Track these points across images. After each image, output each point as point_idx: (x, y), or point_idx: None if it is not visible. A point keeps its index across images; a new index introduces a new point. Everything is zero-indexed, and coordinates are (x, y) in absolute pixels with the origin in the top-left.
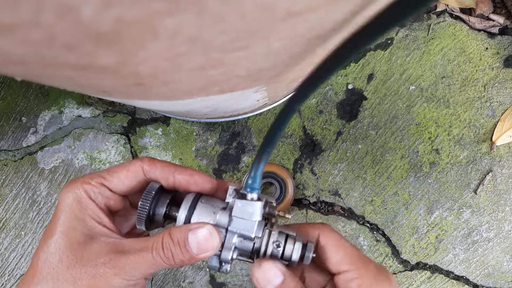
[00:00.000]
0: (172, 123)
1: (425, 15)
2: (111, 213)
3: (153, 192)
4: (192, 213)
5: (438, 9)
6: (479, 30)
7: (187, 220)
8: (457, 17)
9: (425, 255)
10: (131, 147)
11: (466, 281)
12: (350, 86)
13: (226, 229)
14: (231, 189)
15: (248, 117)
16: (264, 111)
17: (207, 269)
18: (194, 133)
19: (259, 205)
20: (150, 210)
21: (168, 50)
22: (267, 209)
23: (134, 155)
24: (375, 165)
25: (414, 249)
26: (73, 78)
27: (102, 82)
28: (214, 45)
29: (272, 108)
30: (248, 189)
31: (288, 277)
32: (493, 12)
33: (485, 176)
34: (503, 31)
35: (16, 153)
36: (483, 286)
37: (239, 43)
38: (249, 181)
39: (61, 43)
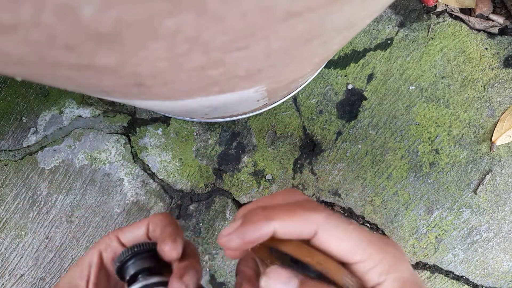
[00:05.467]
0: (172, 123)
1: (425, 15)
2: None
3: (137, 246)
4: None
5: (438, 9)
6: (479, 30)
7: None
8: (457, 17)
9: (425, 255)
10: (131, 147)
11: (466, 281)
12: (350, 86)
13: None
14: None
15: (248, 117)
16: (264, 111)
17: (208, 269)
18: (194, 133)
19: None
20: (123, 263)
21: (168, 50)
22: None
23: (134, 155)
24: (375, 165)
25: (414, 249)
26: (73, 78)
27: (102, 82)
28: (214, 45)
29: (272, 108)
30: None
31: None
32: (493, 12)
33: (485, 176)
34: (503, 31)
35: (17, 153)
36: (482, 286)
37: (239, 43)
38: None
39: (61, 43)
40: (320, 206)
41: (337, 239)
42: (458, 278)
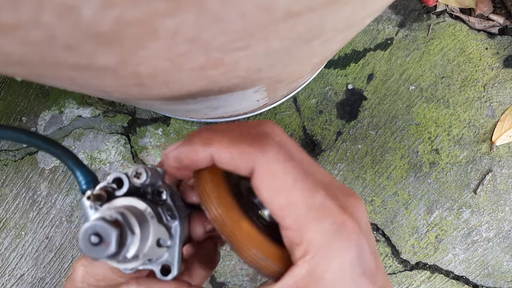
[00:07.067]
0: (172, 123)
1: (425, 15)
2: None
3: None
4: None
5: (438, 9)
6: (479, 30)
7: None
8: (457, 17)
9: (425, 255)
10: (131, 147)
11: (466, 281)
12: (350, 86)
13: None
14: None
15: (248, 117)
16: (264, 111)
17: None
18: None
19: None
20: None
21: (168, 50)
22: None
23: (134, 155)
24: (375, 165)
25: (414, 249)
26: (73, 78)
27: (102, 82)
28: (214, 45)
29: (272, 108)
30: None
31: None
32: (493, 12)
33: (485, 176)
34: (503, 31)
35: (17, 153)
36: (483, 286)
37: (239, 43)
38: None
39: (61, 43)
40: (275, 145)
41: (270, 189)
42: (458, 278)
